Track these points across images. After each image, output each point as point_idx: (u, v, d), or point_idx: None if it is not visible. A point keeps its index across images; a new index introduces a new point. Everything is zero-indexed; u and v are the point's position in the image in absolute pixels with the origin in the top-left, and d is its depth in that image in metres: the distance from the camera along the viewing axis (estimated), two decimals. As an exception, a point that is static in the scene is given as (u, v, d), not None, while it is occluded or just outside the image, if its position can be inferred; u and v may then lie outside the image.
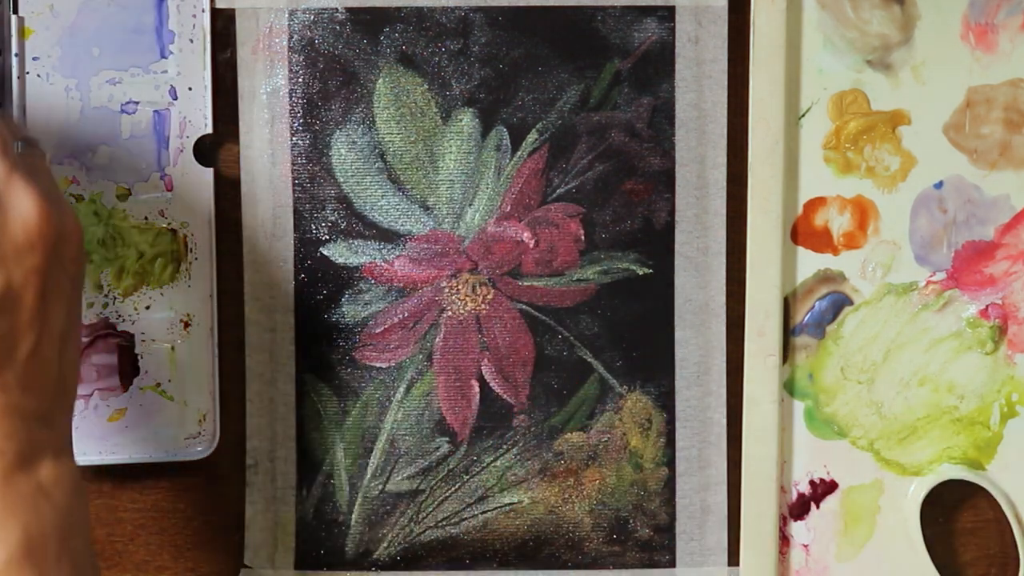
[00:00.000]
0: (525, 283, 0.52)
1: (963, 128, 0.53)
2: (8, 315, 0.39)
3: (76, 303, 0.43)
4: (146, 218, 0.51)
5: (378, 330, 0.52)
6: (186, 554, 0.53)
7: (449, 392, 0.53)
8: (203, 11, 0.51)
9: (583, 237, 0.52)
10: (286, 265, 0.52)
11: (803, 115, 0.53)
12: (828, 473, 0.54)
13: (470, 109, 0.52)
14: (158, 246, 0.52)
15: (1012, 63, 0.53)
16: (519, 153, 0.52)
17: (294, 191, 0.52)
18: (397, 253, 0.52)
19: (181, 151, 0.51)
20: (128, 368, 0.52)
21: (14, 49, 0.50)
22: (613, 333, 0.53)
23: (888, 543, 0.54)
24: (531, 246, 0.52)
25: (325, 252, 0.52)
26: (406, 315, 0.52)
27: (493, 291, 0.52)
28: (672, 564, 0.53)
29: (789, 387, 0.53)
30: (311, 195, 0.52)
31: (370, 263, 0.52)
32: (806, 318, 0.53)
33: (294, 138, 0.52)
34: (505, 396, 0.53)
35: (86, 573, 0.40)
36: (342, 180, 0.52)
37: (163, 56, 0.51)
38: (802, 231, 0.53)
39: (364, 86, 0.52)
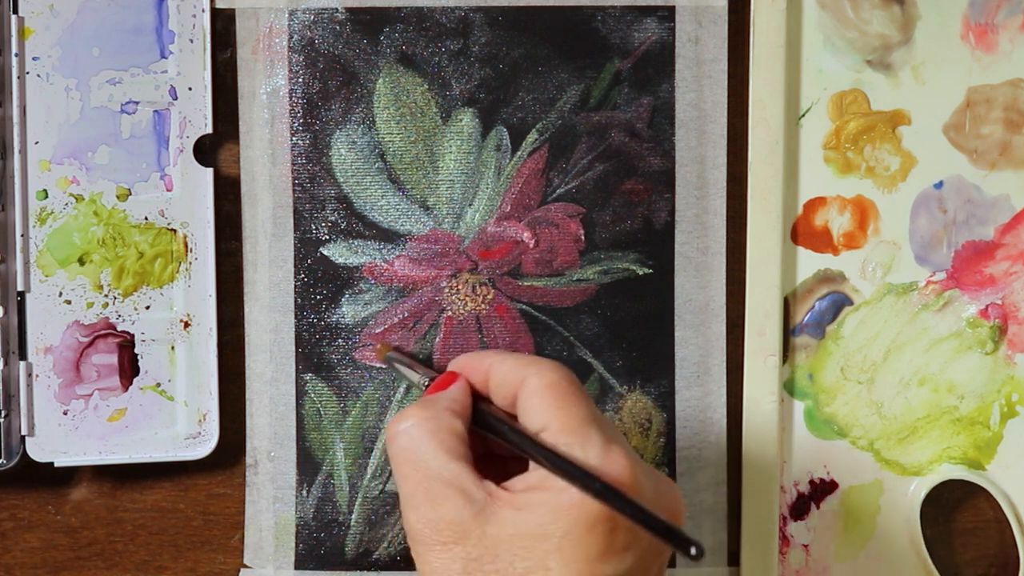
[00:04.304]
0: (525, 283, 0.52)
1: (963, 128, 0.53)
2: None
3: None
4: (146, 218, 0.51)
5: (378, 330, 0.52)
6: (186, 554, 0.53)
7: (449, 392, 0.53)
8: (203, 11, 0.51)
9: (583, 237, 0.52)
10: (286, 265, 0.52)
11: (803, 115, 0.53)
12: (828, 473, 0.54)
13: (470, 109, 0.52)
14: (158, 246, 0.52)
15: (1012, 63, 0.53)
16: (519, 153, 0.52)
17: (294, 191, 0.52)
18: (397, 253, 0.52)
19: (181, 151, 0.51)
20: (128, 368, 0.52)
21: (14, 49, 0.50)
22: (613, 333, 0.53)
23: (888, 543, 0.54)
24: (531, 246, 0.52)
25: (325, 252, 0.52)
26: (406, 315, 0.52)
27: (493, 291, 0.52)
28: (672, 564, 0.53)
29: (789, 387, 0.53)
30: (311, 195, 0.52)
31: (370, 263, 0.52)
32: (806, 318, 0.53)
33: (294, 138, 0.52)
34: (505, 396, 0.53)
35: None
36: (342, 180, 0.52)
37: (163, 56, 0.51)
38: (802, 231, 0.53)
39: (364, 86, 0.52)
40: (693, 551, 0.34)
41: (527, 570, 0.37)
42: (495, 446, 0.43)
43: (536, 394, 0.39)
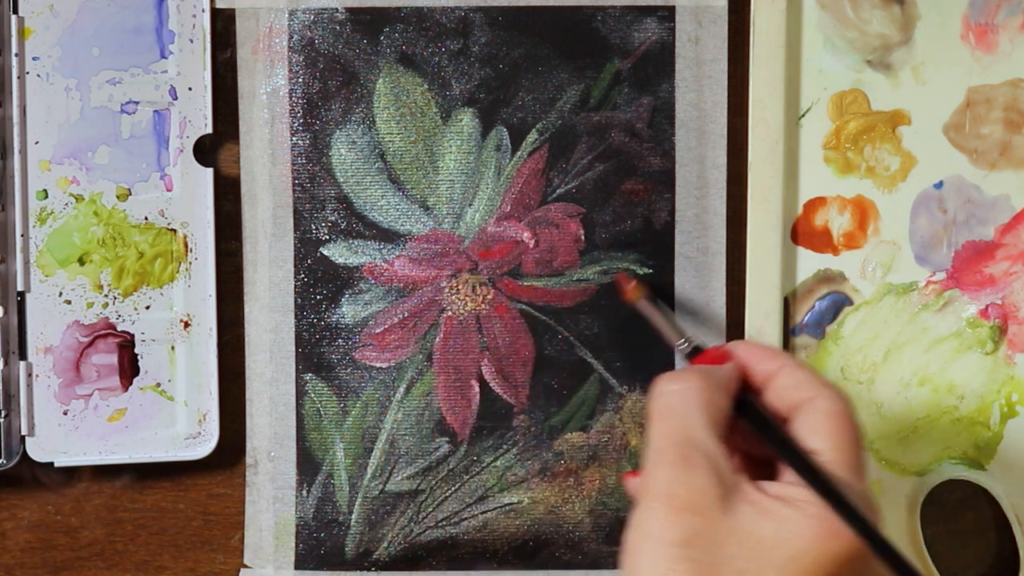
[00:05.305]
0: (525, 283, 0.52)
1: (963, 128, 0.53)
2: None
3: None
4: (146, 218, 0.51)
5: (378, 330, 0.52)
6: (186, 554, 0.53)
7: (449, 392, 0.53)
8: (203, 11, 0.51)
9: (583, 237, 0.52)
10: (286, 265, 0.52)
11: (803, 115, 0.53)
12: (828, 473, 0.54)
13: (470, 109, 0.52)
14: (158, 246, 0.52)
15: (1012, 63, 0.53)
16: (519, 153, 0.52)
17: (294, 191, 0.52)
18: (397, 253, 0.52)
19: (181, 151, 0.51)
20: (128, 368, 0.52)
21: (14, 49, 0.50)
22: (613, 333, 0.53)
23: (888, 543, 0.54)
24: (531, 246, 0.52)
25: (325, 252, 0.52)
26: (406, 315, 0.52)
27: (493, 291, 0.52)
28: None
29: (789, 387, 0.53)
30: (311, 195, 0.52)
31: (370, 263, 0.52)
32: (806, 318, 0.53)
33: (294, 138, 0.52)
34: (505, 396, 0.53)
35: None
36: (342, 180, 0.52)
37: (163, 56, 0.51)
38: (802, 231, 0.53)
39: (364, 86, 0.52)
40: None
41: (743, 571, 0.35)
42: (737, 436, 0.41)
43: (826, 416, 0.38)
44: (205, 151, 0.52)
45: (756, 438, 0.40)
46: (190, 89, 0.51)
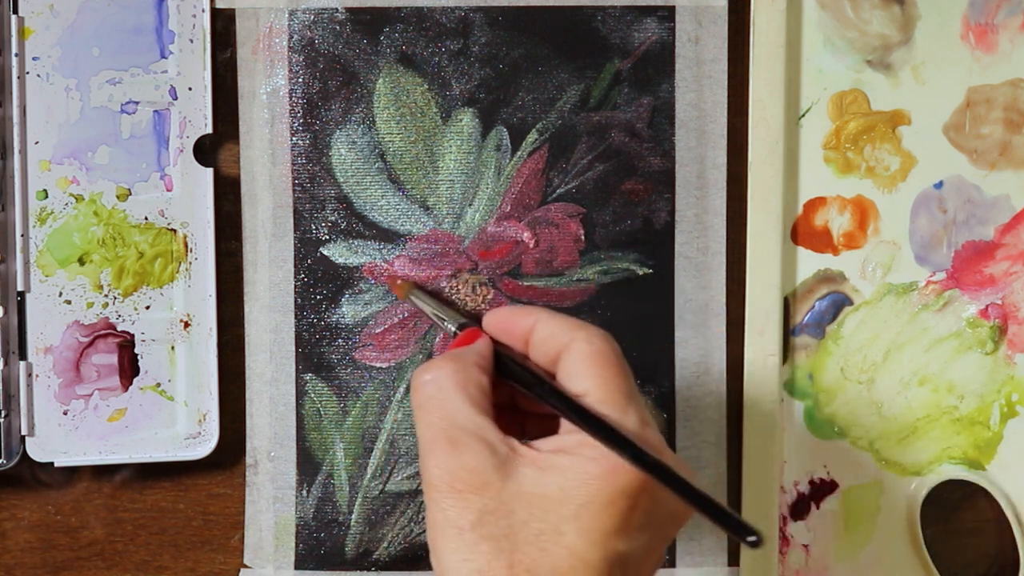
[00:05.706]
0: (525, 283, 0.52)
1: (963, 128, 0.53)
2: None
3: None
4: (146, 218, 0.51)
5: (378, 330, 0.52)
6: (186, 554, 0.53)
7: (449, 392, 0.53)
8: (203, 11, 0.51)
9: (583, 237, 0.52)
10: (286, 265, 0.52)
11: (803, 115, 0.53)
12: (828, 473, 0.54)
13: (470, 109, 0.52)
14: (158, 246, 0.52)
15: (1012, 63, 0.53)
16: (519, 153, 0.52)
17: (294, 191, 0.52)
18: (397, 253, 0.52)
19: (181, 151, 0.51)
20: (128, 368, 0.52)
21: (14, 49, 0.50)
22: (613, 333, 0.52)
23: (888, 543, 0.54)
24: (531, 246, 0.52)
25: (325, 252, 0.52)
26: (406, 315, 0.52)
27: (493, 291, 0.52)
28: (672, 564, 0.53)
29: (789, 387, 0.53)
30: (311, 195, 0.52)
31: (370, 263, 0.52)
32: (806, 318, 0.53)
33: (294, 138, 0.52)
34: (505, 396, 0.53)
35: None
36: (342, 180, 0.52)
37: (163, 56, 0.51)
38: (802, 231, 0.53)
39: (364, 86, 0.52)
40: (752, 539, 0.33)
41: (540, 532, 0.36)
42: (522, 402, 0.42)
43: (582, 359, 0.39)
44: (205, 151, 0.52)
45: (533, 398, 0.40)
46: (190, 89, 0.51)
